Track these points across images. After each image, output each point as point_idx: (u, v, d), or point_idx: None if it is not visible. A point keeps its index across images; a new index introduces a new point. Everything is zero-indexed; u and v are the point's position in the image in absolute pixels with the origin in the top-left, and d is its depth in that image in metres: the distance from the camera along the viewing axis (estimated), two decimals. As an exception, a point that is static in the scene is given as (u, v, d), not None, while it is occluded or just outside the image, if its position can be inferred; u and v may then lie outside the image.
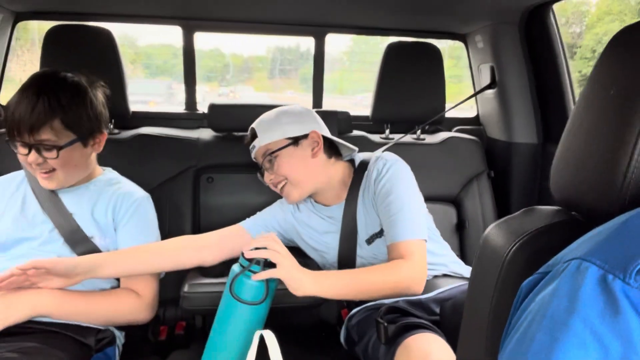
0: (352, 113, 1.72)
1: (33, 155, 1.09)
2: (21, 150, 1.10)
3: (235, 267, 1.01)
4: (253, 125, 1.27)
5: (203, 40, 1.74)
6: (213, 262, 1.23)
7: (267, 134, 1.23)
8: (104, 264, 1.10)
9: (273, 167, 1.22)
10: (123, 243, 1.21)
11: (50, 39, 1.51)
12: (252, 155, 1.29)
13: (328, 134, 1.28)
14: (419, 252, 1.10)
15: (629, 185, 0.44)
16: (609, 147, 0.46)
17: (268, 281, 0.99)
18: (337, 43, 1.81)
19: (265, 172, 1.25)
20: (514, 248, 0.51)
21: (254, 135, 1.25)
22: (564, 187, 0.53)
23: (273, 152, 1.21)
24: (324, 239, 1.29)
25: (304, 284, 1.01)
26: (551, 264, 0.41)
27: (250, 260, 0.98)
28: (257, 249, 1.00)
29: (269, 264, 0.99)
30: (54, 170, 1.13)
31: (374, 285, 1.07)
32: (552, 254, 0.48)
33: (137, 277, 1.19)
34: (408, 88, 1.67)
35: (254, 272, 0.98)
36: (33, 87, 1.10)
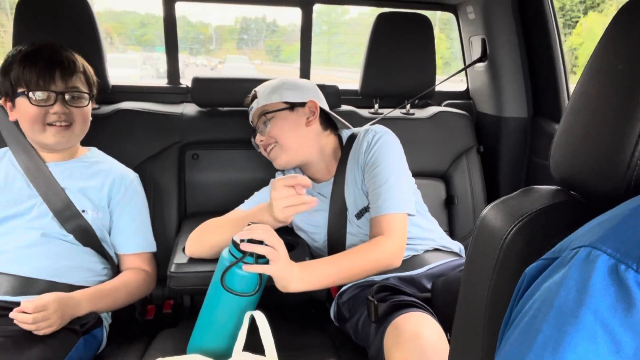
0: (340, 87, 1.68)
1: (60, 105, 1.11)
2: (43, 101, 1.11)
3: (225, 255, 0.95)
4: (256, 88, 1.30)
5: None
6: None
7: (266, 96, 1.25)
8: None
9: (266, 129, 1.23)
10: (122, 223, 1.24)
11: (23, 9, 1.42)
12: (250, 118, 1.31)
13: (326, 107, 1.29)
14: (400, 227, 1.10)
15: (635, 165, 0.42)
16: (615, 124, 0.44)
17: (261, 273, 0.95)
18: (298, 17, 1.77)
19: (257, 134, 1.26)
20: (514, 230, 0.49)
21: (254, 97, 1.28)
22: (564, 166, 0.51)
23: (268, 113, 1.22)
24: (312, 219, 1.27)
25: (292, 282, 0.98)
26: (557, 250, 0.39)
27: (241, 250, 0.93)
28: (252, 240, 0.93)
29: (262, 256, 0.94)
30: (70, 125, 1.14)
31: (357, 269, 1.07)
32: (553, 236, 0.47)
33: (140, 255, 1.26)
34: (398, 61, 1.63)
35: (247, 263, 0.93)
36: (49, 47, 1.15)
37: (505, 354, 0.37)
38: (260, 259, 0.94)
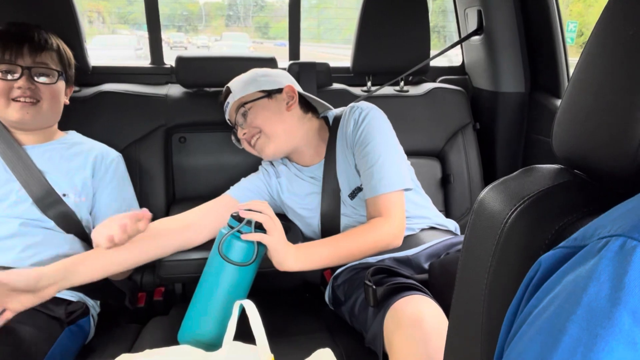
0: (332, 64, 1.63)
1: (24, 79, 1.08)
2: (8, 74, 1.08)
3: (224, 229, 0.98)
4: (228, 84, 1.24)
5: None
6: (202, 241, 1.13)
7: (242, 88, 1.20)
8: (76, 269, 0.97)
9: (246, 121, 1.18)
10: (104, 205, 1.19)
11: None
12: (226, 116, 1.25)
13: (302, 91, 1.25)
14: (397, 206, 1.08)
15: None
16: (625, 97, 0.40)
17: (258, 244, 0.96)
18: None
19: (238, 128, 1.21)
20: (515, 213, 0.45)
21: (228, 93, 1.23)
22: (568, 143, 0.47)
23: (246, 103, 1.18)
24: (306, 202, 1.24)
25: (287, 259, 0.99)
26: (581, 238, 0.34)
27: (240, 221, 0.95)
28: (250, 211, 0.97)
29: (259, 227, 0.97)
30: (37, 102, 1.11)
31: (354, 249, 1.06)
32: (558, 219, 0.43)
33: None
34: (391, 36, 1.57)
35: (244, 233, 0.95)
36: (23, 25, 1.13)
37: (521, 353, 0.33)
38: (258, 229, 0.96)
